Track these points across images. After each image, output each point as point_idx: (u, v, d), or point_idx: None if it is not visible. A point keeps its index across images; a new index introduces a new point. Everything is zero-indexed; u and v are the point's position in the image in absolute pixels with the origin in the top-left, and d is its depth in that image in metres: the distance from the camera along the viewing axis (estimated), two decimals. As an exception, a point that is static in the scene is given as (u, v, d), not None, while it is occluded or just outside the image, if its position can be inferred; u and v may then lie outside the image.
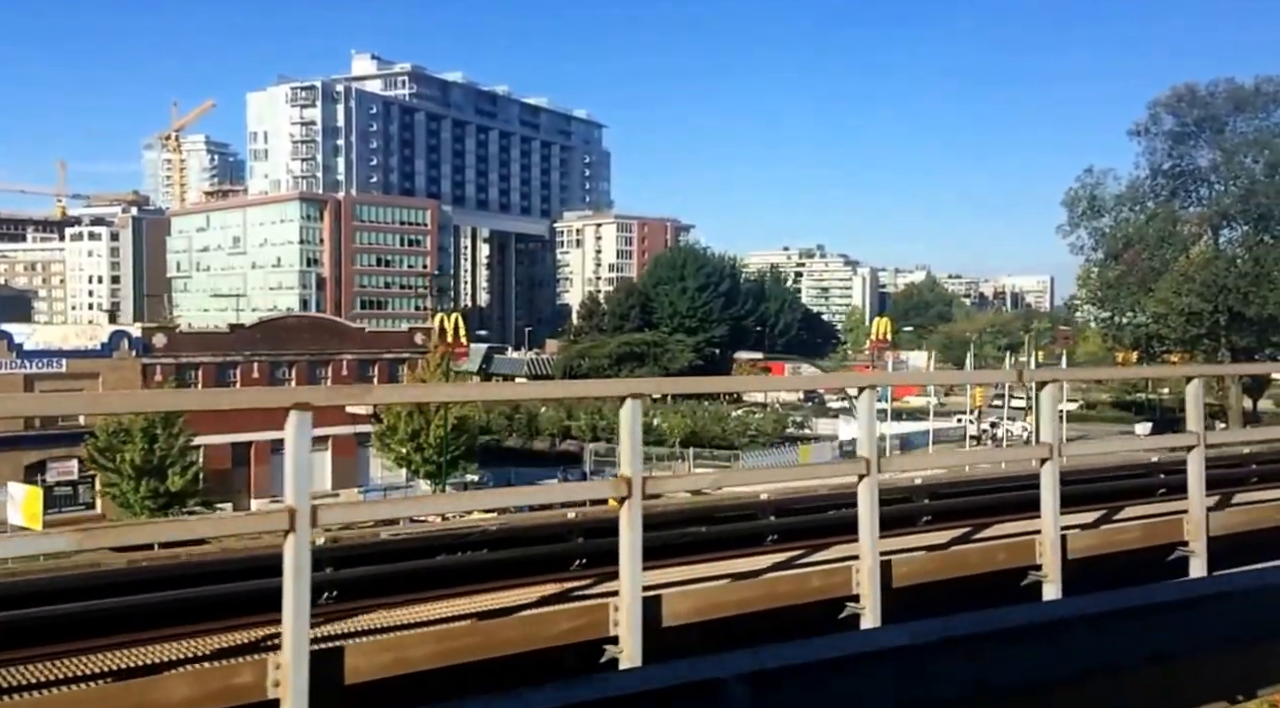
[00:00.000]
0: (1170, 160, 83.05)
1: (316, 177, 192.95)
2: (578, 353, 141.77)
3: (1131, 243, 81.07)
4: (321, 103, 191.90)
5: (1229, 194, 79.55)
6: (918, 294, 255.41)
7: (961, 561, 9.12)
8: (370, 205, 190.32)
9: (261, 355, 61.73)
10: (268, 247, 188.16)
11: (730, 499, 16.60)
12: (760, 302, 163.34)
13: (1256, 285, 74.49)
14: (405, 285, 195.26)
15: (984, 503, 11.36)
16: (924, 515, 10.57)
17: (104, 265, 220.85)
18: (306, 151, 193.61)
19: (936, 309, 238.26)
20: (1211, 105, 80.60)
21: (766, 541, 9.47)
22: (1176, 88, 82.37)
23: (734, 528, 10.04)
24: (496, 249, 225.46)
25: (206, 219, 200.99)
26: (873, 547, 7.85)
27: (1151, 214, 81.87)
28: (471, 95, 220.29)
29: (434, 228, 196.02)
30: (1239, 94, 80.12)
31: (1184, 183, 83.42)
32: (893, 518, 9.39)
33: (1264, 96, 79.60)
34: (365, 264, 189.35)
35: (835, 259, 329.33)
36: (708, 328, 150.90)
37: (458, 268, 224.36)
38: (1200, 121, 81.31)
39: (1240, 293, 74.91)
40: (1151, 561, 9.69)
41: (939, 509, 10.99)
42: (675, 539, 8.98)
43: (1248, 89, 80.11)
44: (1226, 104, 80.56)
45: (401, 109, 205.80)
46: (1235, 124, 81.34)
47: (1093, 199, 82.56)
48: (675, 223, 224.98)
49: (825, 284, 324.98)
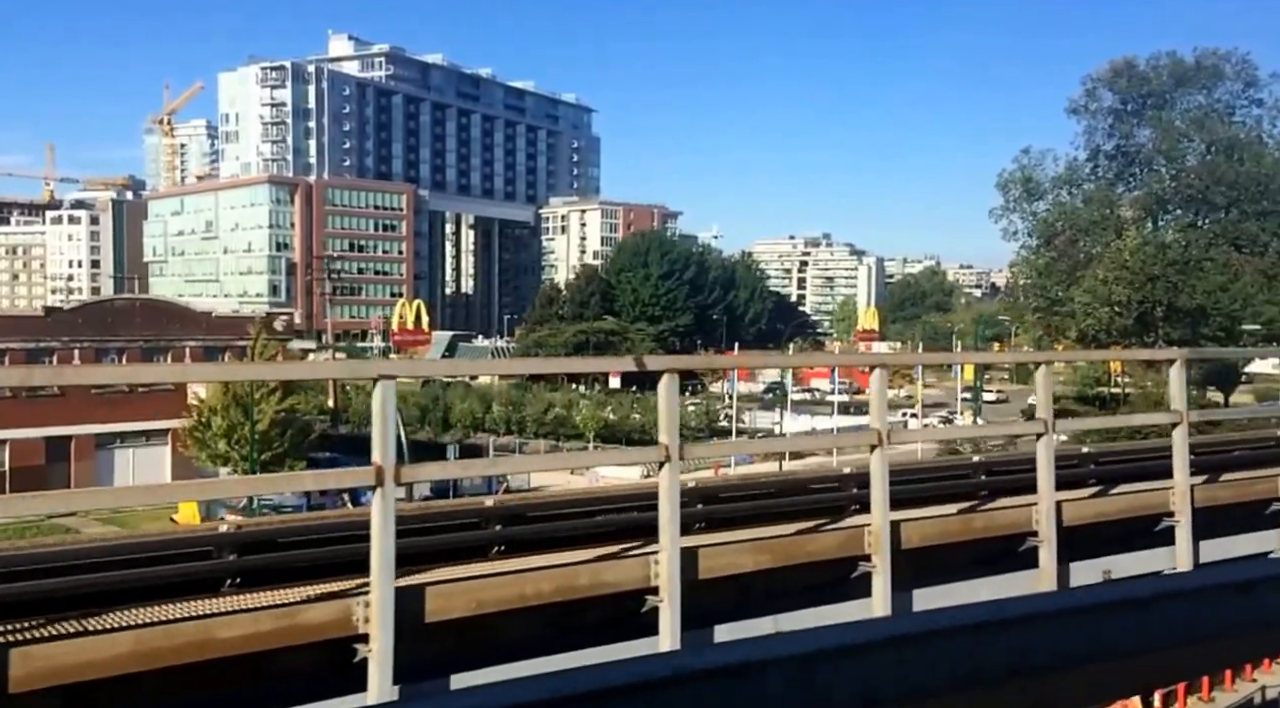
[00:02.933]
0: (1111, 140, 77.83)
1: (287, 159, 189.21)
2: (534, 341, 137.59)
3: (1062, 228, 75.94)
4: (292, 83, 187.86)
5: (1166, 176, 74.20)
6: (915, 284, 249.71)
7: (798, 550, 9.11)
8: (343, 189, 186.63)
9: (84, 341, 57.65)
10: (239, 231, 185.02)
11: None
12: (729, 290, 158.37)
13: (1185, 274, 69.25)
14: (380, 271, 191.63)
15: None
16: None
17: (83, 249, 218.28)
18: (277, 133, 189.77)
19: (934, 299, 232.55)
20: (1152, 81, 75.31)
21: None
22: (1115, 62, 77.06)
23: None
24: (481, 235, 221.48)
25: (181, 203, 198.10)
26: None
27: (1087, 197, 76.70)
28: (453, 78, 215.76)
29: (410, 212, 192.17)
30: (1180, 69, 74.78)
31: (1126, 165, 78.13)
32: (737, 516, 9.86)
33: (1205, 71, 74.23)
34: (338, 249, 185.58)
35: (841, 248, 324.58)
36: (672, 316, 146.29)
37: (442, 254, 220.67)
38: (1141, 98, 76.04)
39: (1169, 282, 69.64)
40: (1006, 551, 9.87)
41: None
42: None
43: (1188, 64, 74.76)
44: (1168, 80, 75.25)
45: (378, 91, 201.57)
46: (1177, 101, 76.07)
47: (1027, 181, 77.31)
48: (662, 209, 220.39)
49: (830, 273, 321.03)
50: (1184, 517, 10.54)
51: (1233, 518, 11.71)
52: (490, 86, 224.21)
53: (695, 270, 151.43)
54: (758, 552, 8.78)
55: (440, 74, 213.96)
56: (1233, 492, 11.97)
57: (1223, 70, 74.28)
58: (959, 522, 10.06)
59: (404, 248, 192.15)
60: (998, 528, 9.94)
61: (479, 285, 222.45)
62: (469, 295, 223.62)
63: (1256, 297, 67.58)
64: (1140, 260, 70.56)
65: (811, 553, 9.13)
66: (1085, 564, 10.41)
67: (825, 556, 9.14)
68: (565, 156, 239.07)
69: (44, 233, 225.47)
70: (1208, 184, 70.78)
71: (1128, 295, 70.50)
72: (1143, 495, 11.13)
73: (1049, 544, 9.62)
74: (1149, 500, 10.91)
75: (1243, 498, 12.00)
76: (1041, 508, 9.84)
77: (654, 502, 7.92)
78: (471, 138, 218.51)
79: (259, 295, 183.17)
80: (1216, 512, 11.42)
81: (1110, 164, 78.25)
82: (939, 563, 9.68)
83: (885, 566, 8.76)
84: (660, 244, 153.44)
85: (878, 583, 8.84)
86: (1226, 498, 11.71)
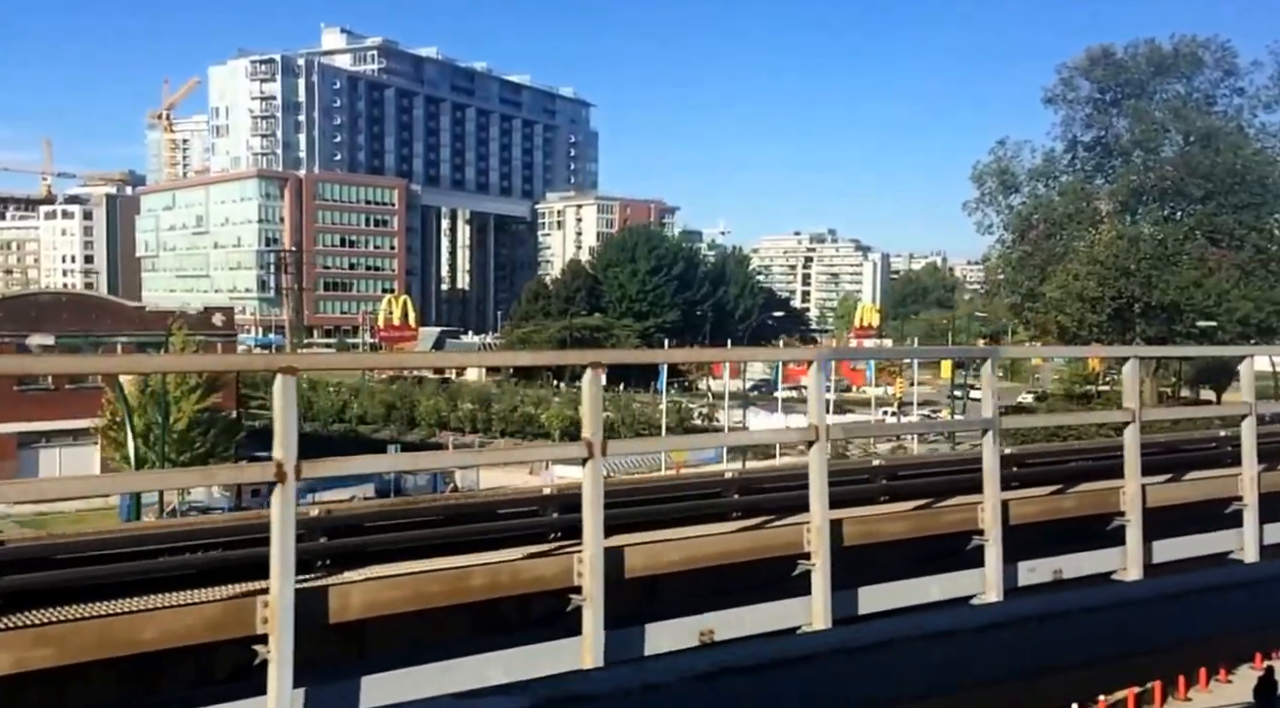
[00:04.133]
0: (1090, 131, 75.37)
1: (277, 153, 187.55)
2: (518, 338, 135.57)
3: (1037, 222, 73.51)
4: (281, 77, 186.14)
5: (1143, 168, 71.64)
6: (917, 280, 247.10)
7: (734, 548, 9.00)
8: (333, 183, 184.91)
9: (4, 336, 55.64)
10: (229, 226, 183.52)
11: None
12: (719, 286, 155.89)
13: (1158, 269, 66.76)
14: (372, 266, 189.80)
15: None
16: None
17: (77, 245, 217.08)
18: (266, 127, 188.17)
19: (936, 295, 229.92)
20: (1130, 69, 72.79)
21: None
22: (1092, 50, 74.57)
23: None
24: (476, 231, 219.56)
25: (172, 198, 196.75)
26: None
27: (1063, 190, 74.24)
28: (447, 71, 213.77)
29: (402, 207, 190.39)
30: (1158, 57, 72.24)
31: (1105, 156, 75.62)
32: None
33: (1184, 59, 71.68)
34: (328, 244, 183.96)
35: (847, 244, 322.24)
36: (659, 312, 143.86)
37: (438, 249, 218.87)
38: (1119, 88, 73.56)
39: (1143, 277, 67.15)
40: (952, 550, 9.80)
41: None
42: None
43: (1167, 52, 72.20)
44: (1147, 69, 72.72)
45: (370, 85, 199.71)
46: (1156, 91, 73.56)
47: (1003, 173, 74.81)
48: (660, 204, 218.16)
49: (835, 270, 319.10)
50: (1135, 516, 10.54)
51: (1189, 518, 11.55)
52: (485, 80, 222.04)
53: (684, 266, 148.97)
54: (688, 550, 8.65)
55: (434, 68, 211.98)
56: (1189, 491, 11.86)
57: (1202, 58, 71.80)
58: (904, 520, 10.00)
59: (396, 243, 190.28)
60: (942, 527, 9.90)
61: (474, 281, 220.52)
62: (465, 291, 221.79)
63: (1231, 293, 65.08)
64: (1113, 255, 68.18)
65: (748, 551, 8.95)
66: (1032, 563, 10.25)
67: (764, 554, 8.95)
68: (562, 151, 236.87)
69: (37, 228, 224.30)
70: (1183, 176, 68.36)
71: (1100, 291, 68.13)
72: (1093, 495, 11.06)
73: (995, 544, 9.59)
74: (1099, 500, 10.88)
75: (1198, 497, 11.80)
76: (987, 507, 9.73)
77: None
78: (466, 132, 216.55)
79: (248, 291, 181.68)
80: (1170, 512, 11.29)
81: (1089, 156, 75.86)
82: (880, 561, 9.62)
83: (825, 564, 8.62)
84: (649, 239, 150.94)
85: (817, 581, 8.65)
86: (1181, 498, 11.64)
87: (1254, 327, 65.29)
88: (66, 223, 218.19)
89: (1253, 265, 66.69)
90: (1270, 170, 67.44)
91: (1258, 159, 67.59)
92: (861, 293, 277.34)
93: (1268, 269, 67.44)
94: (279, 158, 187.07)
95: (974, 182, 75.33)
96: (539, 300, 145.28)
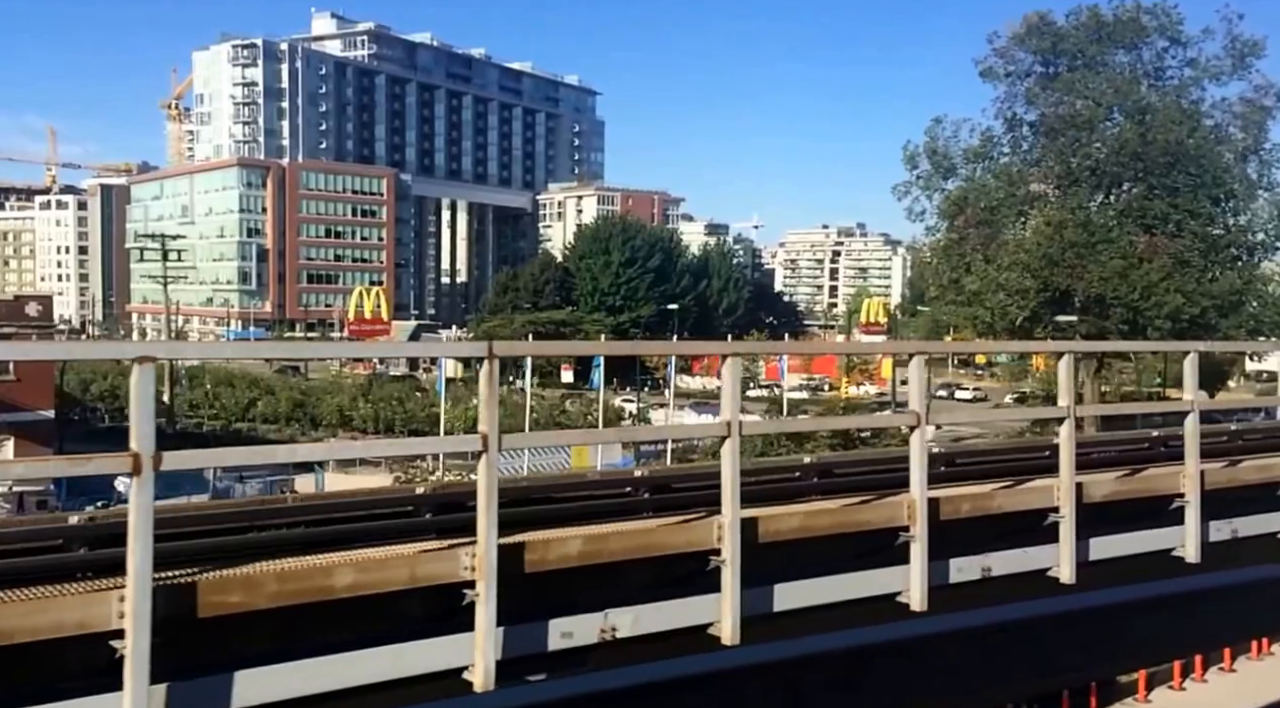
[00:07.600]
0: (1033, 109, 68.37)
1: (259, 142, 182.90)
2: (484, 332, 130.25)
3: (970, 207, 66.68)
4: (263, 62, 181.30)
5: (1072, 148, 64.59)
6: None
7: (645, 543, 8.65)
8: (318, 172, 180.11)
9: None
10: (211, 216, 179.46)
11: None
12: (701, 279, 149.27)
13: (1082, 259, 59.77)
14: (359, 259, 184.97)
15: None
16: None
17: (71, 235, 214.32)
18: (248, 114, 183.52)
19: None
20: (1068, 39, 65.75)
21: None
22: (1028, 17, 67.38)
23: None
24: (475, 222, 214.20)
25: (160, 187, 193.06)
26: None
27: (996, 172, 67.37)
28: (442, 58, 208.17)
29: (391, 197, 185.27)
30: (1099, 24, 65.13)
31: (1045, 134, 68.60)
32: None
33: (1124, 25, 64.47)
34: (312, 235, 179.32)
35: (875, 238, 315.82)
36: (633, 306, 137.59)
37: (437, 241, 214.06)
38: (1061, 59, 66.58)
39: (1068, 267, 60.23)
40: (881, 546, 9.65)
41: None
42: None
43: (1108, 19, 65.09)
44: (1085, 38, 65.65)
45: (359, 71, 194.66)
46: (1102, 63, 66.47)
47: (934, 154, 67.98)
48: (663, 196, 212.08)
49: (864, 264, 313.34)
50: (1068, 512, 10.18)
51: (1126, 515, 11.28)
52: (484, 67, 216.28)
53: (662, 259, 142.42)
54: (590, 544, 8.06)
55: (428, 54, 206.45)
56: (1129, 487, 11.52)
57: (1145, 25, 64.57)
58: (827, 516, 9.44)
59: (384, 234, 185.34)
60: (868, 524, 9.42)
61: (474, 273, 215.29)
62: (465, 284, 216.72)
63: (1160, 284, 57.89)
64: (1037, 242, 61.41)
65: (656, 546, 8.35)
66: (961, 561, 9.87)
67: (670, 550, 8.34)
68: (566, 141, 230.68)
69: (33, 219, 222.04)
70: (1114, 157, 61.35)
71: (1024, 282, 61.37)
72: (1025, 492, 10.70)
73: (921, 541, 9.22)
74: (1032, 497, 10.54)
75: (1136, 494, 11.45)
76: (916, 503, 9.33)
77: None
78: (463, 121, 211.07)
79: (229, 283, 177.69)
80: (1107, 508, 11.01)
81: (1030, 135, 68.91)
82: (799, 558, 9.08)
83: (734, 560, 8.10)
84: (624, 230, 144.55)
85: (726, 577, 8.17)
86: (1118, 494, 11.31)
87: (1185, 322, 58.13)
88: (61, 213, 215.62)
89: (1190, 255, 59.46)
90: (1208, 149, 60.20)
91: (1195, 138, 60.35)
92: (891, 288, 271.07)
93: (1207, 259, 60.21)
94: (261, 146, 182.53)
95: (905, 163, 68.69)
96: (508, 293, 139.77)
